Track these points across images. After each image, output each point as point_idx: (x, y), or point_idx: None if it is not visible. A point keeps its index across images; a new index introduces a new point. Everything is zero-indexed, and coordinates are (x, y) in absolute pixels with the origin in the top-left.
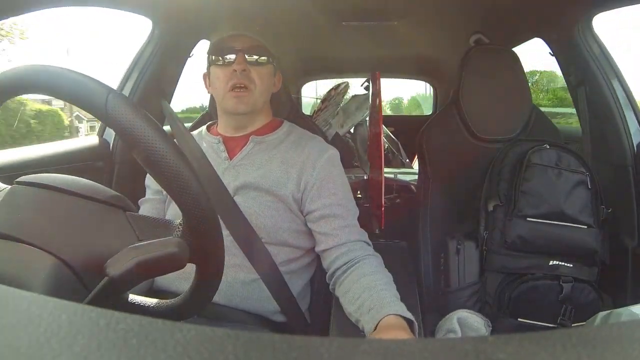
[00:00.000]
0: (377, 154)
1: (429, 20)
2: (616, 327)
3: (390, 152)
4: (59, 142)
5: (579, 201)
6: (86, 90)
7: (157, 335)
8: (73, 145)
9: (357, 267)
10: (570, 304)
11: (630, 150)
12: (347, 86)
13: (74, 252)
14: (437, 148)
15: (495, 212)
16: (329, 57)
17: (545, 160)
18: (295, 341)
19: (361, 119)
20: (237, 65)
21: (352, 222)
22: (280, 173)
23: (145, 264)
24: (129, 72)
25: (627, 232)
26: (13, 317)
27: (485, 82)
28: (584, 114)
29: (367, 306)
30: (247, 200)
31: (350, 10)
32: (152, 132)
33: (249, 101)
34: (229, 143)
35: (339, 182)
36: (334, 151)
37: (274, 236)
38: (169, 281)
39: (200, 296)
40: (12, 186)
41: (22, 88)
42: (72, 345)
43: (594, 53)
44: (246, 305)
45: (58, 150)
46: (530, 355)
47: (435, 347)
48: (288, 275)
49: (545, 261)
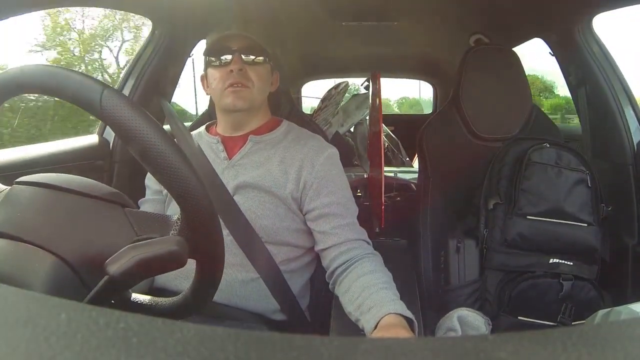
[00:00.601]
0: (377, 152)
1: (429, 20)
2: (616, 325)
3: (390, 151)
4: (59, 141)
5: (579, 199)
6: (81, 87)
7: (157, 334)
8: (73, 144)
9: (356, 266)
10: (570, 302)
11: (630, 149)
12: (347, 86)
13: (73, 250)
14: (437, 147)
15: (496, 210)
16: (329, 57)
17: (545, 158)
18: (296, 340)
19: (361, 118)
20: (234, 65)
21: (352, 220)
22: (279, 172)
23: (145, 262)
24: (129, 72)
25: (627, 230)
26: (12, 316)
27: (485, 81)
28: (584, 113)
29: (367, 305)
30: (247, 200)
31: (350, 10)
32: (148, 127)
33: (247, 97)
34: (228, 143)
35: (338, 181)
36: (333, 150)
37: (274, 235)
38: (169, 280)
39: (201, 295)
40: (11, 186)
41: (17, 88)
42: (72, 344)
43: (594, 53)
44: (246, 304)
45: (58, 149)
46: (531, 354)
47: (436, 346)
48: (288, 274)
49: (545, 259)
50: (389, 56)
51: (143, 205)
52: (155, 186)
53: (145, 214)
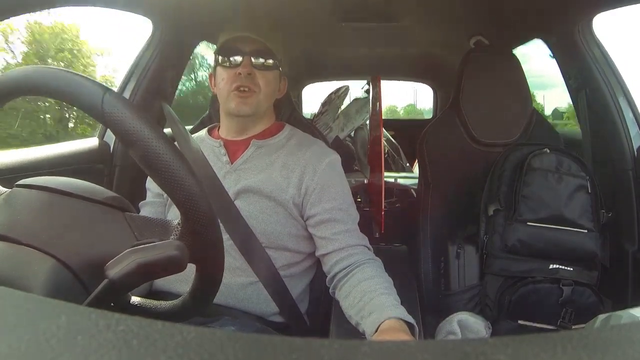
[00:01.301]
0: (377, 157)
1: (429, 22)
2: (616, 330)
3: (391, 156)
4: (59, 144)
5: (579, 205)
6: (82, 90)
7: (157, 336)
8: (73, 147)
9: (357, 272)
10: (570, 307)
11: (630, 154)
12: (347, 89)
13: (74, 253)
14: (437, 152)
15: (496, 216)
16: (329, 59)
17: (545, 164)
18: (296, 342)
19: (361, 123)
20: (243, 68)
21: (353, 226)
22: (281, 177)
23: (145, 266)
24: (129, 74)
25: (628, 236)
26: (13, 319)
27: (485, 85)
28: (584, 117)
29: (367, 310)
30: (248, 205)
31: (349, 11)
32: (149, 131)
33: (252, 103)
34: (230, 147)
35: (339, 186)
36: (335, 156)
37: (274, 241)
38: (169, 283)
39: (200, 298)
40: (11, 189)
41: (18, 91)
42: (72, 346)
43: (594, 55)
44: (245, 308)
45: (58, 152)
46: (530, 357)
47: (436, 349)
48: (287, 278)
49: (546, 265)
50: (389, 58)
51: (143, 208)
52: (156, 189)
53: (145, 218)
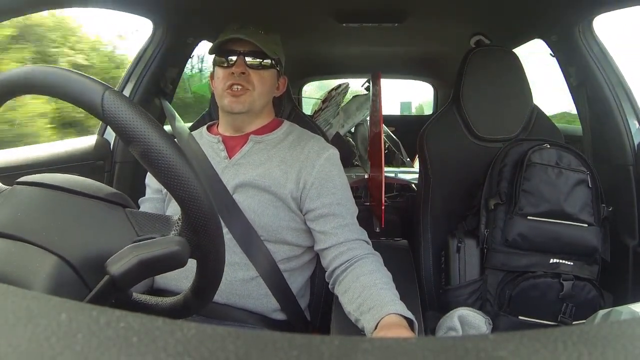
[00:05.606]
0: (377, 153)
1: (429, 21)
2: (617, 325)
3: (391, 151)
4: (60, 141)
5: (580, 200)
6: (82, 89)
7: (158, 333)
8: (73, 144)
9: (356, 266)
10: (570, 302)
11: (631, 150)
12: (347, 86)
13: (75, 250)
14: (437, 147)
15: (496, 210)
16: (329, 57)
17: (545, 159)
18: (296, 339)
19: (362, 119)
20: (236, 68)
21: (352, 221)
22: (280, 172)
23: (146, 262)
24: (129, 73)
25: (628, 230)
26: (13, 316)
27: (486, 82)
28: (585, 114)
29: (367, 305)
30: (246, 198)
31: (351, 12)
32: (149, 129)
33: (246, 100)
34: (229, 142)
35: (338, 181)
36: (334, 150)
37: (273, 234)
38: (170, 280)
39: (201, 294)
40: (12, 187)
41: (18, 89)
42: (73, 343)
43: (594, 54)
44: (246, 303)
45: (58, 149)
46: (531, 353)
47: (436, 345)
48: (288, 273)
49: (546, 259)
50: (389, 57)
51: (143, 204)
52: (156, 185)
53: (146, 214)
